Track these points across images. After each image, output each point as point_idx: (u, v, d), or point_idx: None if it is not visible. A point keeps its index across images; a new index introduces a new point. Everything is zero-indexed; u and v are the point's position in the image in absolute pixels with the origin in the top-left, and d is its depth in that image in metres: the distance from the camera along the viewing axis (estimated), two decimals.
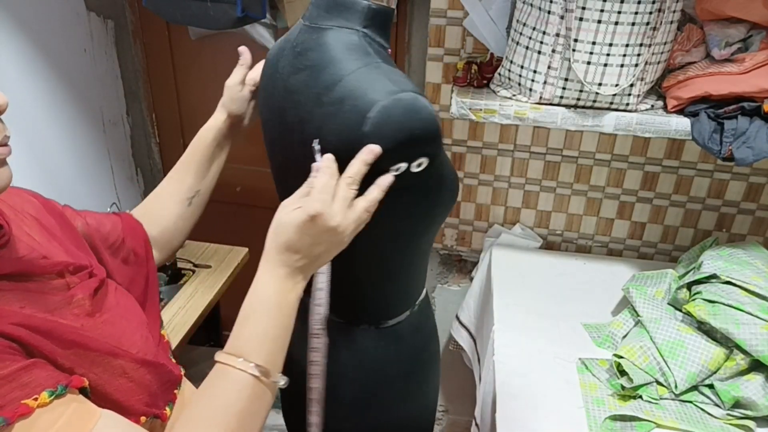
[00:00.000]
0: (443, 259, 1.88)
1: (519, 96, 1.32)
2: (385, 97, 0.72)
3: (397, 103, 0.72)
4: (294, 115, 0.82)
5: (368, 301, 0.96)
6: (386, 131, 0.73)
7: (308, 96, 0.78)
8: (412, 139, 0.74)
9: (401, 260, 0.92)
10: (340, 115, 0.74)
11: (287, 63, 0.83)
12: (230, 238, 1.85)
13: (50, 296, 0.65)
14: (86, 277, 0.71)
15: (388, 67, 0.77)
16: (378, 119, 0.72)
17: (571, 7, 1.15)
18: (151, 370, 0.70)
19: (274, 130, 0.89)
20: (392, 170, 0.75)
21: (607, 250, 1.74)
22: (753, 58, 1.19)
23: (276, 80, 0.86)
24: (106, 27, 1.85)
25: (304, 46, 0.81)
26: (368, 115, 0.72)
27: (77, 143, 1.79)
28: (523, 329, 1.36)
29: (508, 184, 1.69)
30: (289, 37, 0.86)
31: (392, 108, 0.72)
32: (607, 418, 1.11)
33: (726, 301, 1.15)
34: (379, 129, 0.72)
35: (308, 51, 0.80)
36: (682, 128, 1.25)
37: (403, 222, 0.86)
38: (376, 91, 0.73)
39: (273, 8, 1.63)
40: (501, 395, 1.18)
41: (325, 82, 0.76)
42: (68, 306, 0.66)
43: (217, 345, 2.30)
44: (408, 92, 0.73)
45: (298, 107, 0.80)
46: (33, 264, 0.65)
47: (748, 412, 1.11)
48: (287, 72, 0.83)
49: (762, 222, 1.62)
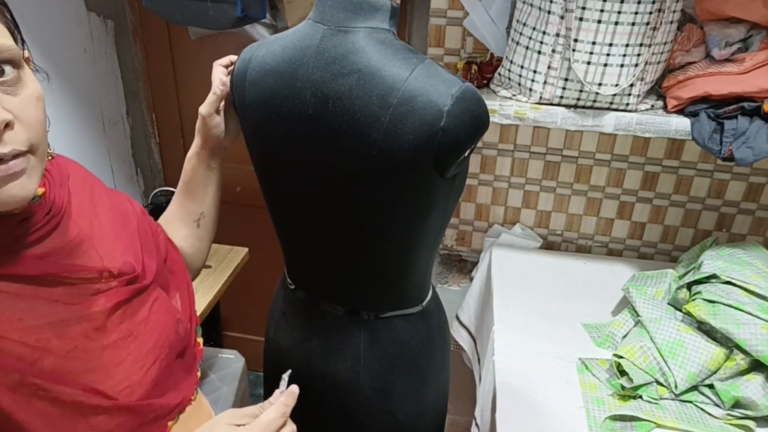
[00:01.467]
0: (443, 259, 1.88)
1: (519, 96, 1.31)
2: (453, 90, 0.77)
3: (465, 95, 0.77)
4: (340, 121, 0.80)
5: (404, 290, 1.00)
6: (463, 122, 0.78)
7: (366, 99, 0.78)
8: (482, 127, 0.81)
9: (436, 244, 0.98)
10: (414, 113, 0.77)
11: (318, 69, 0.81)
12: (230, 238, 1.85)
13: (62, 306, 0.63)
14: (123, 284, 0.69)
15: (434, 62, 0.82)
16: (455, 111, 0.76)
17: (571, 7, 1.15)
18: (124, 414, 0.67)
19: (294, 143, 0.86)
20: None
21: (607, 250, 1.74)
22: (753, 58, 1.19)
23: (299, 91, 0.83)
24: (106, 27, 1.85)
25: (338, 51, 0.80)
26: (444, 109, 0.76)
27: (77, 143, 1.79)
28: (523, 329, 1.36)
29: (508, 184, 1.69)
30: (303, 44, 0.83)
31: (464, 99, 0.77)
32: (607, 418, 1.11)
33: (726, 301, 1.15)
34: (456, 120, 0.77)
35: (348, 55, 0.79)
36: (682, 128, 1.25)
37: (449, 209, 0.92)
38: (444, 85, 0.77)
39: (273, 8, 1.63)
40: (501, 395, 1.18)
41: (387, 84, 0.77)
42: (76, 321, 0.64)
43: (217, 345, 2.31)
44: (466, 83, 0.79)
45: (350, 112, 0.79)
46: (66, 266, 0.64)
47: (748, 412, 1.11)
48: (323, 79, 0.80)
49: (762, 222, 1.62)
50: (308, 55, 0.82)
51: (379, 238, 0.90)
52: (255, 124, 0.89)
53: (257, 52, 0.88)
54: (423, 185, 0.83)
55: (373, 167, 0.81)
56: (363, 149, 0.80)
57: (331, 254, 0.95)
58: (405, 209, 0.86)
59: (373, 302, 0.98)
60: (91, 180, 0.78)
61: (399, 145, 0.78)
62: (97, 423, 0.64)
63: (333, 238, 0.93)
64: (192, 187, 0.96)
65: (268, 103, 0.86)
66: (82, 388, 0.62)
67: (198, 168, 0.96)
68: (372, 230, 0.89)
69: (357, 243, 0.91)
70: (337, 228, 0.91)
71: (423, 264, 0.98)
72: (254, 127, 0.90)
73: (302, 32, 0.84)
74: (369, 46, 0.79)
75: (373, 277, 0.95)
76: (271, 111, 0.86)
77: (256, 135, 0.91)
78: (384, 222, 0.88)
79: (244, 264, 1.79)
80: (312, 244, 0.97)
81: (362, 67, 0.78)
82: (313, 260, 0.99)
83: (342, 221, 0.90)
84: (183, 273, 0.86)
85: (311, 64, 0.81)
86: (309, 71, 0.81)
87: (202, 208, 0.98)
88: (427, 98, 0.76)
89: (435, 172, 0.81)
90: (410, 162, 0.79)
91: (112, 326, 0.67)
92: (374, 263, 0.93)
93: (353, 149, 0.80)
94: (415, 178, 0.82)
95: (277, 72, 0.85)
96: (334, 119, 0.81)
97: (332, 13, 0.81)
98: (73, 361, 0.63)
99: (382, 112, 0.77)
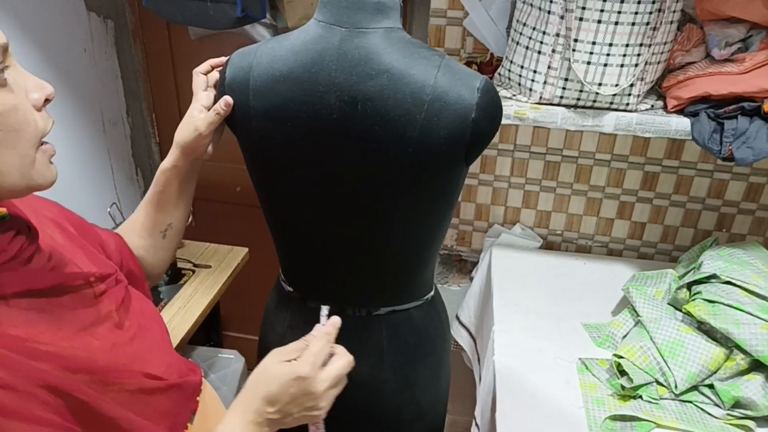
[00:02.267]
0: (443, 259, 1.88)
1: (519, 96, 1.31)
2: (477, 84, 0.80)
3: (488, 86, 0.82)
4: (371, 122, 0.81)
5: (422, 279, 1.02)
6: (490, 112, 0.82)
7: (399, 99, 0.79)
8: (502, 115, 0.86)
9: (442, 237, 0.99)
10: (447, 108, 0.79)
11: (342, 72, 0.80)
12: (230, 238, 1.85)
13: (81, 311, 0.65)
14: (113, 285, 0.71)
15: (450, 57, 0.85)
16: (483, 103, 0.80)
17: (571, 7, 1.15)
18: (176, 391, 0.71)
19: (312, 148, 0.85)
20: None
21: (607, 250, 1.74)
22: (753, 58, 1.19)
23: (322, 96, 0.82)
24: (106, 27, 1.85)
25: (360, 52, 0.80)
26: (474, 102, 0.79)
27: (77, 143, 1.79)
28: (523, 329, 1.36)
29: (508, 184, 1.69)
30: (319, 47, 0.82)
31: (488, 91, 0.81)
32: (607, 418, 1.11)
33: (726, 301, 1.15)
34: (485, 112, 0.81)
35: (372, 56, 0.80)
36: (682, 128, 1.25)
37: (455, 201, 0.94)
38: (469, 79, 0.81)
39: (273, 8, 1.63)
40: (501, 395, 1.18)
41: (417, 82, 0.79)
42: (99, 321, 0.66)
43: (217, 345, 2.30)
44: (483, 76, 0.83)
45: (381, 113, 0.80)
46: (65, 275, 0.65)
47: (748, 412, 1.11)
48: (349, 82, 0.80)
49: (762, 222, 1.62)
50: (328, 58, 0.81)
51: (409, 233, 0.91)
52: (263, 133, 0.87)
53: (258, 59, 0.85)
54: (453, 176, 0.87)
55: (407, 165, 0.82)
56: (397, 148, 0.81)
57: (348, 258, 0.94)
58: (435, 201, 0.88)
59: (393, 297, 0.99)
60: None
61: (435, 141, 0.80)
62: (159, 403, 0.69)
63: (351, 241, 0.92)
64: (163, 198, 0.91)
65: (280, 110, 0.84)
66: (138, 376, 0.66)
67: (173, 181, 0.90)
68: (400, 227, 0.90)
69: (380, 242, 0.92)
70: (359, 231, 0.91)
71: (437, 252, 1.01)
72: (261, 136, 0.87)
73: (313, 35, 0.83)
74: (390, 46, 0.81)
75: (396, 274, 0.96)
76: (285, 118, 0.84)
77: (263, 143, 0.88)
78: (414, 217, 0.89)
79: (244, 264, 1.79)
80: (326, 250, 0.95)
81: (390, 67, 0.79)
82: (327, 267, 0.97)
83: (365, 223, 0.90)
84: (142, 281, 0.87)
85: (333, 67, 0.81)
86: (331, 75, 0.81)
87: (170, 219, 0.93)
88: (457, 93, 0.79)
89: (464, 162, 0.85)
90: (444, 156, 0.82)
91: (125, 321, 0.70)
92: (400, 259, 0.94)
93: (386, 149, 0.81)
94: (448, 170, 0.85)
95: (291, 78, 0.82)
96: (363, 121, 0.81)
97: (348, 15, 0.81)
98: (117, 356, 0.65)
99: (417, 109, 0.79)
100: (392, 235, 0.91)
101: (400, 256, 0.94)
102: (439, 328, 1.07)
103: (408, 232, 0.91)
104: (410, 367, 1.02)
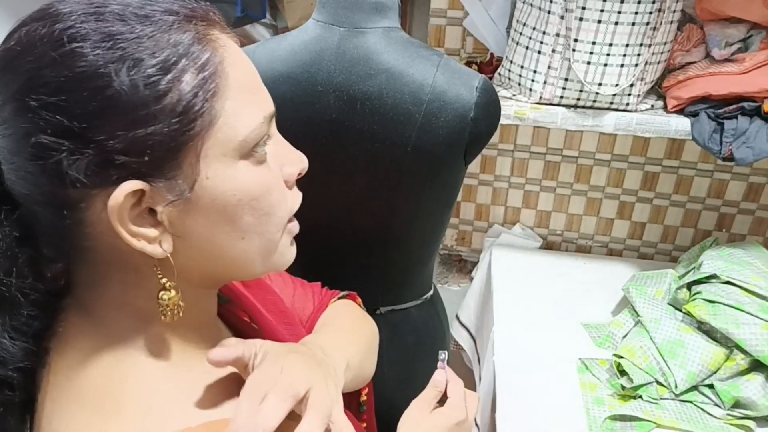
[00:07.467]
0: (443, 259, 1.88)
1: (519, 96, 1.32)
2: (476, 83, 0.80)
3: (486, 86, 0.82)
4: (370, 122, 0.81)
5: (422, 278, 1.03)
6: (489, 112, 0.82)
7: (397, 98, 0.79)
8: (500, 114, 0.86)
9: (441, 236, 1.00)
10: (446, 107, 0.79)
11: (341, 72, 0.81)
12: None
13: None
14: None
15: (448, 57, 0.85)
16: (481, 102, 0.80)
17: (571, 7, 1.15)
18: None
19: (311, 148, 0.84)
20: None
21: (607, 250, 1.74)
22: (753, 58, 1.19)
23: (321, 95, 0.82)
24: None
25: (359, 52, 0.80)
26: (472, 101, 0.80)
27: None
28: (523, 329, 1.36)
29: (508, 184, 1.69)
30: (317, 47, 0.82)
31: (487, 91, 0.81)
32: (607, 418, 1.11)
33: (726, 301, 1.15)
34: (484, 111, 0.81)
35: (371, 55, 0.80)
36: (682, 128, 1.25)
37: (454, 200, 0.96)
38: (467, 78, 0.81)
39: (273, 8, 1.63)
40: (501, 395, 1.18)
41: (416, 81, 0.79)
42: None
43: None
44: (481, 75, 0.83)
45: (380, 113, 0.80)
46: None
47: (748, 412, 1.11)
48: (348, 81, 0.81)
49: (762, 222, 1.62)
50: (326, 58, 0.81)
51: (408, 232, 0.91)
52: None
53: (257, 59, 0.85)
54: (452, 175, 0.87)
55: (406, 164, 0.82)
56: (396, 148, 0.81)
57: (347, 257, 0.95)
58: (434, 200, 0.88)
59: (392, 296, 0.99)
60: None
61: (434, 140, 0.80)
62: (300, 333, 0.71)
63: (350, 240, 0.92)
64: None
65: (280, 110, 0.85)
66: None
67: None
68: (399, 226, 0.90)
69: (379, 241, 0.92)
70: (358, 230, 0.91)
71: (437, 251, 1.02)
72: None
73: (312, 35, 0.83)
74: (389, 45, 0.81)
75: (395, 273, 0.96)
76: (284, 118, 0.84)
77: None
78: (413, 216, 0.89)
79: None
80: (325, 249, 0.95)
81: (389, 67, 0.80)
82: (325, 266, 0.97)
83: (364, 222, 0.90)
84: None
85: (332, 67, 0.81)
86: (330, 74, 0.81)
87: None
88: (455, 92, 0.79)
89: (462, 161, 0.85)
90: (443, 155, 0.82)
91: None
92: (399, 258, 0.94)
93: (385, 149, 0.82)
94: (447, 169, 0.85)
95: (291, 78, 0.83)
96: (362, 121, 0.81)
97: (347, 15, 0.81)
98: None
99: (416, 109, 0.79)
100: (391, 234, 0.91)
101: (399, 255, 0.94)
102: (438, 327, 1.07)
103: (407, 231, 0.91)
104: (410, 366, 1.02)
